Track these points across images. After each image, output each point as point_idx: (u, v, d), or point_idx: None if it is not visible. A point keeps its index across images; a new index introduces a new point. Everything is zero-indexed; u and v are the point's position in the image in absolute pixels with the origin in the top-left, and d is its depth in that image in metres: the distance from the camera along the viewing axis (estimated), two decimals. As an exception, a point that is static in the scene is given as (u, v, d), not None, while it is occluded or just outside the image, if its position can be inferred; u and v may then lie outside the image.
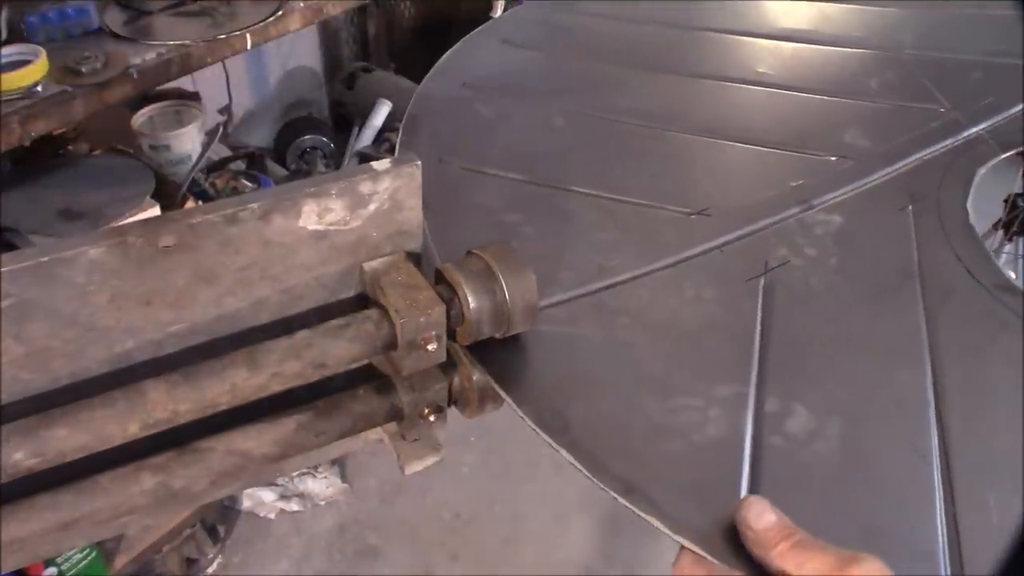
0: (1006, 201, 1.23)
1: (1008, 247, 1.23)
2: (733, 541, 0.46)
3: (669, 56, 1.03)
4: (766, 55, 1.03)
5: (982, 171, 0.79)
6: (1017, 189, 1.22)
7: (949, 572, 0.46)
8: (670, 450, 0.52)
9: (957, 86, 0.94)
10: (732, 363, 0.59)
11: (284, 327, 0.52)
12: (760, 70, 0.98)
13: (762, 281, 0.66)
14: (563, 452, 0.50)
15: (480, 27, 1.07)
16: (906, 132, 0.86)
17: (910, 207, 0.74)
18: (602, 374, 0.57)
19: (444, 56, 0.99)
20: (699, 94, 0.95)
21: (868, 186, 0.78)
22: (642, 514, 0.47)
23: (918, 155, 0.81)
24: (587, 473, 0.50)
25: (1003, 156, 0.82)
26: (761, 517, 0.44)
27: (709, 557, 0.45)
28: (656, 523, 0.47)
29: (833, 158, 0.81)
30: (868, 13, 1.15)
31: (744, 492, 0.50)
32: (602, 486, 0.49)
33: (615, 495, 0.48)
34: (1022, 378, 0.59)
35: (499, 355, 0.56)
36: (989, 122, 0.87)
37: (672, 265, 0.67)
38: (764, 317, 0.62)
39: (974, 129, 0.85)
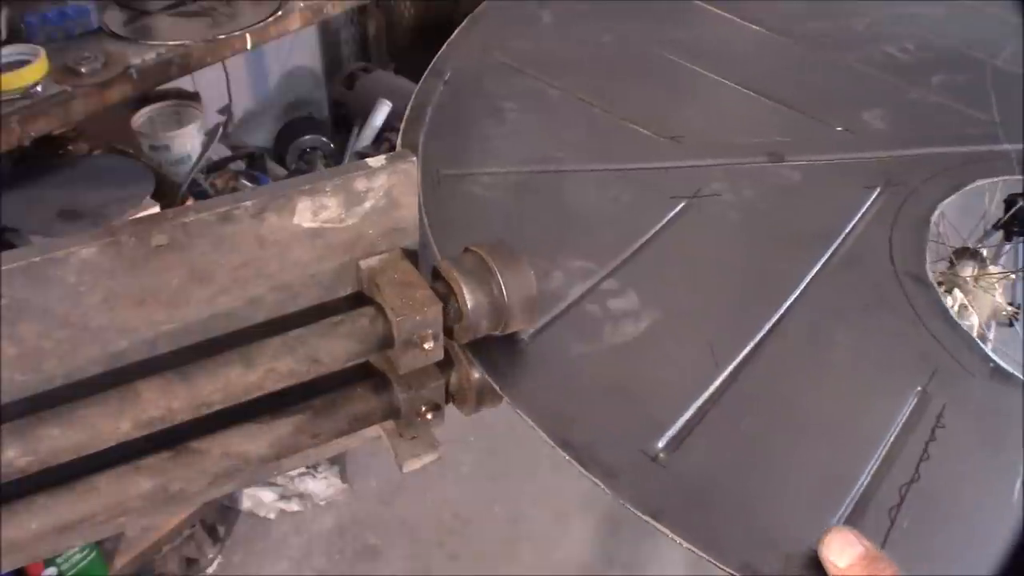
0: (1006, 201, 1.22)
1: (1008, 247, 1.22)
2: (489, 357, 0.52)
3: (745, 5, 1.03)
4: (838, 25, 1.01)
5: (982, 183, 0.76)
6: (1017, 189, 1.21)
7: (661, 447, 0.49)
8: None
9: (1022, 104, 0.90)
10: (602, 250, 0.62)
11: (280, 326, 0.51)
12: (822, 38, 0.98)
13: (683, 202, 0.67)
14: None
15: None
16: (932, 128, 0.84)
17: (878, 188, 0.73)
18: (481, 221, 0.62)
19: None
20: (753, 43, 0.95)
21: (851, 160, 0.77)
22: None
23: (926, 149, 0.79)
24: None
25: (1017, 178, 0.79)
26: (844, 552, 0.42)
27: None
28: None
29: (839, 128, 0.81)
30: (984, 16, 1.11)
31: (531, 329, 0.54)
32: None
33: None
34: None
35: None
36: None
37: (611, 171, 0.71)
38: (661, 228, 0.65)
39: (1006, 146, 0.81)
